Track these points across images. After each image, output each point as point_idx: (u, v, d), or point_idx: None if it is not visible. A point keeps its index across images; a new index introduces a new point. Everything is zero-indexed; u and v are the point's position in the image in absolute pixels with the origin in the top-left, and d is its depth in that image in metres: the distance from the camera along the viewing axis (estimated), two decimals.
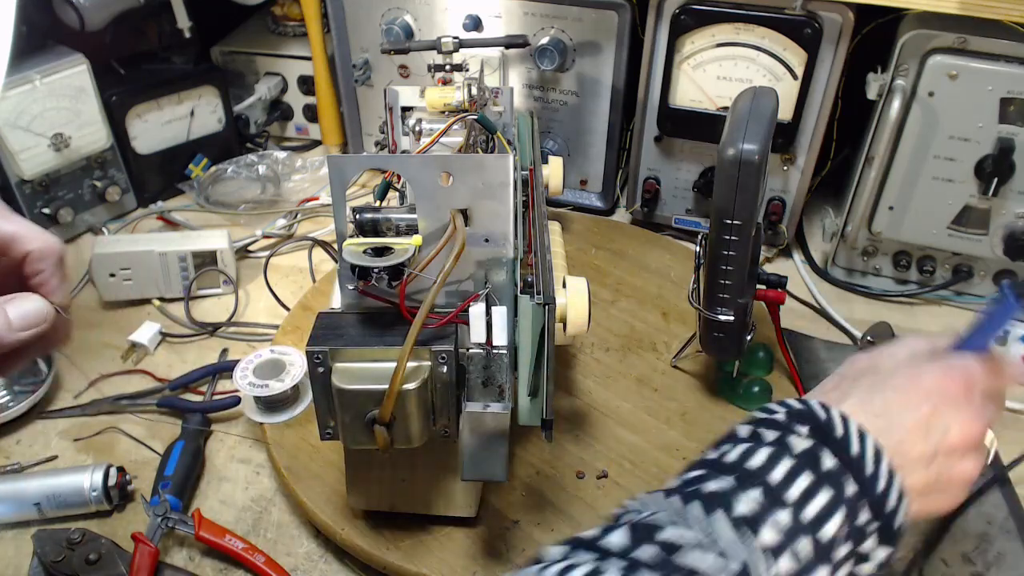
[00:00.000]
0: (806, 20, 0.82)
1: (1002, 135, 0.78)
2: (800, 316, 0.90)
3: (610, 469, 0.68)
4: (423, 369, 0.51)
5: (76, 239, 1.00)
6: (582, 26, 0.92)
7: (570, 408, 0.74)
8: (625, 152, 1.03)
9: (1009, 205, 0.81)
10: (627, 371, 0.79)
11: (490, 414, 0.52)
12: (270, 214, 1.04)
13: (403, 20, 0.97)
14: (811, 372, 0.80)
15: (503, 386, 0.53)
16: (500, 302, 0.54)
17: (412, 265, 0.50)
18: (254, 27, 1.19)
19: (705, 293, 0.69)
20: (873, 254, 0.91)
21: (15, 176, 0.91)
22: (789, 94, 0.85)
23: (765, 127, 0.61)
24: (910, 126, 0.81)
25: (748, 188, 0.61)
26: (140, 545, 0.61)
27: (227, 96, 1.08)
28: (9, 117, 0.88)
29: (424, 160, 0.54)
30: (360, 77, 1.02)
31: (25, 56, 0.88)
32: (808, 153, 0.90)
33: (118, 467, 0.67)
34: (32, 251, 0.43)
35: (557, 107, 0.99)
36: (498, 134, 0.71)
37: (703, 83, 0.89)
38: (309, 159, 1.12)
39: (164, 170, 1.06)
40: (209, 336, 0.86)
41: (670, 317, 0.85)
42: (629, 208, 1.03)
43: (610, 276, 0.92)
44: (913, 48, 0.78)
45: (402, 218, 0.55)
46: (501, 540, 0.63)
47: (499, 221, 0.53)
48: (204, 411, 0.75)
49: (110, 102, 0.97)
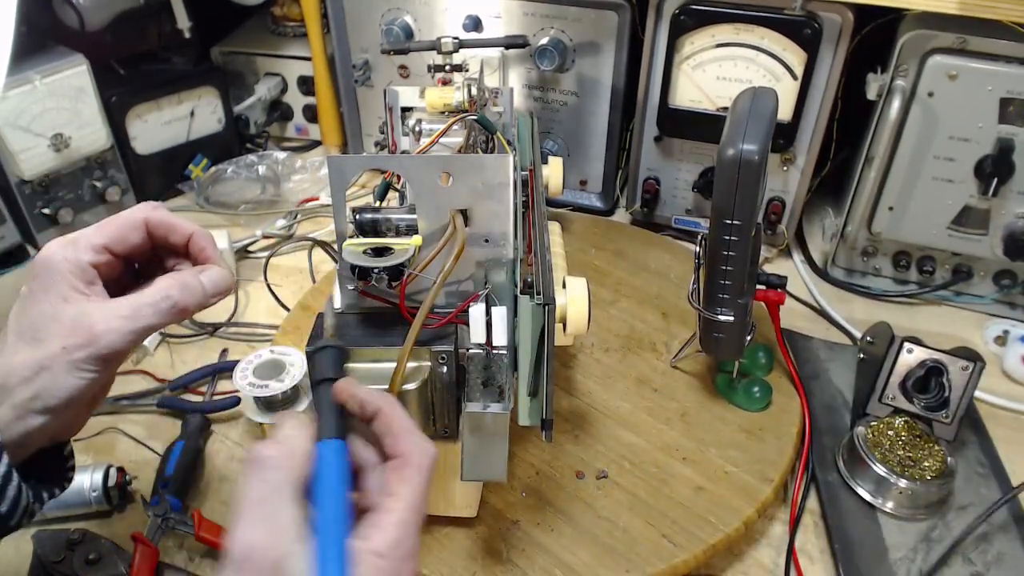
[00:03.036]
0: (806, 20, 0.82)
1: (1002, 135, 0.78)
2: (800, 316, 0.90)
3: (610, 469, 0.68)
4: (423, 369, 0.51)
5: None
6: (582, 26, 0.92)
7: (570, 408, 0.74)
8: (625, 152, 1.03)
9: (1009, 205, 0.81)
10: (627, 371, 0.79)
11: (490, 414, 0.52)
12: (270, 214, 1.04)
13: (403, 20, 0.97)
14: (811, 372, 0.80)
15: (503, 386, 0.53)
16: (500, 302, 0.53)
17: (412, 265, 0.50)
18: (254, 27, 1.19)
19: (705, 293, 0.69)
20: (873, 254, 0.91)
21: (15, 176, 0.91)
22: (789, 94, 0.85)
23: (765, 127, 0.61)
24: (910, 126, 0.81)
25: (748, 188, 0.61)
26: (140, 545, 0.61)
27: (227, 96, 1.09)
28: (9, 117, 0.88)
29: (424, 160, 0.54)
30: (360, 77, 1.02)
31: (25, 56, 0.88)
32: (808, 153, 0.91)
33: (118, 467, 0.67)
34: (194, 233, 0.50)
35: (557, 107, 0.99)
36: (498, 134, 0.71)
37: (703, 83, 0.89)
38: (309, 159, 1.12)
39: (164, 170, 1.06)
40: (209, 336, 0.86)
41: (670, 317, 0.85)
42: (629, 208, 1.03)
43: (610, 276, 0.92)
44: (913, 48, 0.78)
45: (402, 218, 0.55)
46: (501, 540, 0.63)
47: (499, 221, 0.53)
48: (204, 411, 0.75)
49: (110, 102, 0.97)
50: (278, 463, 0.37)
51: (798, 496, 0.68)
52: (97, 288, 0.46)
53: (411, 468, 0.39)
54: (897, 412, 0.71)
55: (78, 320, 0.43)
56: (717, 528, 0.63)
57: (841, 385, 0.79)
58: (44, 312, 0.44)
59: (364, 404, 0.42)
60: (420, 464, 0.40)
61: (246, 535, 0.35)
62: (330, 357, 0.44)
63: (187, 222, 0.50)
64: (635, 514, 0.65)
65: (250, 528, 0.36)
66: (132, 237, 0.48)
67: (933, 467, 0.67)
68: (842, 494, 0.68)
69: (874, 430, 0.70)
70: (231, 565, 0.35)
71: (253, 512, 0.36)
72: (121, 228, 0.48)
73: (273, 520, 0.36)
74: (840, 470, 0.70)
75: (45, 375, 0.43)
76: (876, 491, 0.67)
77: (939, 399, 0.69)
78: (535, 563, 0.61)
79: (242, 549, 0.35)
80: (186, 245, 0.50)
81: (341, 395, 0.42)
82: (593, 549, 0.62)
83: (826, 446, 0.72)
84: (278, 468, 0.37)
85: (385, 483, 0.39)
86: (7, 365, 0.43)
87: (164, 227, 0.49)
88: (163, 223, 0.49)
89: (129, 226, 0.48)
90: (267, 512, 0.36)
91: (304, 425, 0.40)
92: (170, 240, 0.50)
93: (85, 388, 0.44)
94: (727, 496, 0.66)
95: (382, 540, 0.37)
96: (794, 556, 0.64)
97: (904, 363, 0.69)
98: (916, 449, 0.68)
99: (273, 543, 0.35)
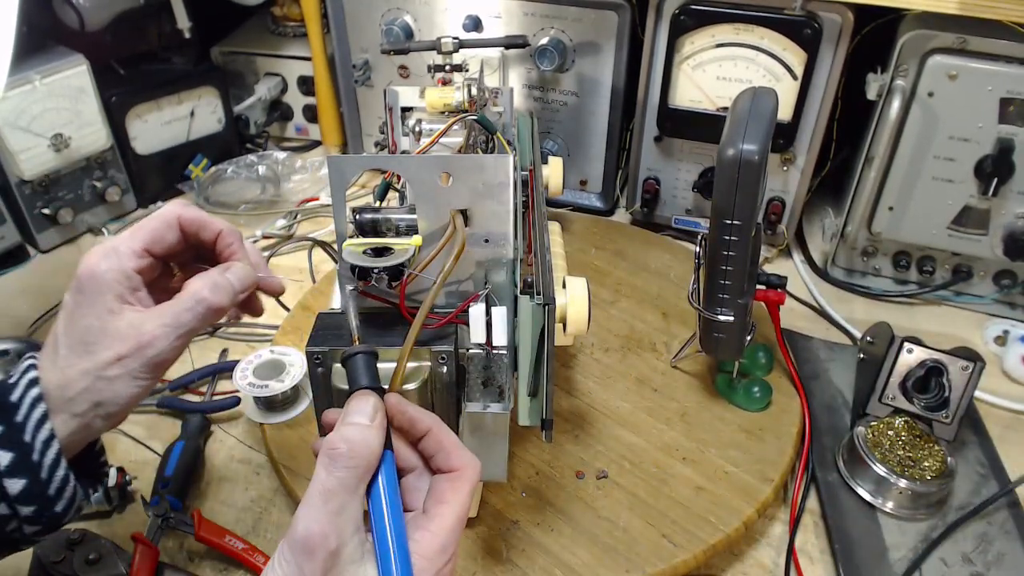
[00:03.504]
0: (806, 20, 0.82)
1: (1002, 135, 0.78)
2: (800, 316, 0.90)
3: (610, 469, 0.68)
4: (423, 369, 0.51)
5: (76, 240, 1.00)
6: (582, 26, 0.92)
7: (570, 408, 0.74)
8: (625, 152, 1.03)
9: (1009, 205, 0.81)
10: (627, 371, 0.79)
11: (490, 414, 0.52)
12: (270, 214, 1.04)
13: (403, 20, 0.97)
14: (811, 372, 0.80)
15: (503, 386, 0.53)
16: (500, 302, 0.53)
17: (412, 265, 0.50)
18: (254, 27, 1.19)
19: (705, 293, 0.69)
20: (873, 254, 0.91)
21: (15, 176, 0.91)
22: (789, 94, 0.86)
23: (765, 127, 0.61)
24: (910, 126, 0.81)
25: (748, 188, 0.61)
26: (140, 545, 0.61)
27: (227, 96, 1.09)
28: (9, 117, 0.88)
29: (424, 160, 0.54)
30: (360, 77, 1.02)
31: (25, 56, 0.88)
32: (808, 153, 0.91)
33: (118, 467, 0.67)
34: (222, 230, 0.51)
35: (557, 107, 0.99)
36: (498, 134, 0.70)
37: (703, 83, 0.89)
38: (309, 159, 1.12)
39: (164, 170, 1.06)
40: (209, 336, 0.86)
41: (670, 317, 0.85)
42: (629, 208, 1.03)
43: (610, 276, 0.92)
44: (913, 48, 0.78)
45: (402, 218, 0.55)
46: (501, 540, 0.63)
47: (499, 221, 0.53)
48: (204, 411, 0.75)
49: (110, 102, 0.97)
50: (352, 463, 0.40)
51: (798, 496, 0.68)
52: (141, 294, 0.48)
53: (464, 479, 0.43)
54: (897, 412, 0.71)
55: (127, 331, 0.45)
56: (717, 528, 0.63)
57: (841, 385, 0.79)
58: (92, 326, 0.45)
59: (415, 422, 0.44)
60: (471, 477, 0.43)
61: (310, 522, 0.38)
62: (364, 364, 0.45)
63: (216, 219, 0.51)
64: (635, 514, 0.65)
65: (316, 516, 0.38)
66: (169, 237, 0.50)
67: (933, 467, 0.67)
68: (842, 494, 0.68)
69: (874, 430, 0.70)
70: (292, 546, 0.38)
71: (321, 502, 0.39)
72: (158, 229, 0.49)
73: (338, 512, 0.39)
74: (840, 470, 0.70)
75: (103, 385, 0.45)
76: (876, 491, 0.67)
77: (939, 399, 0.69)
78: (535, 563, 0.61)
79: (305, 534, 0.38)
80: (215, 241, 0.52)
81: (391, 411, 0.44)
82: (593, 549, 0.62)
83: (826, 446, 0.72)
84: (349, 467, 0.39)
85: (438, 492, 0.42)
86: (64, 378, 0.45)
87: (196, 224, 0.51)
88: (195, 220, 0.51)
89: (165, 226, 0.50)
90: (334, 505, 0.39)
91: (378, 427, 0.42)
92: (200, 237, 0.51)
93: (141, 394, 0.47)
94: (727, 496, 0.66)
95: (429, 545, 0.40)
96: (794, 556, 0.64)
97: (904, 363, 0.69)
98: (916, 449, 0.68)
99: (335, 533, 0.38)
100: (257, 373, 0.72)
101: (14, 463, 0.43)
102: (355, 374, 0.45)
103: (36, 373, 0.45)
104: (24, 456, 0.43)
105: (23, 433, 0.43)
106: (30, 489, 0.43)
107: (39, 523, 0.45)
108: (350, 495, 0.39)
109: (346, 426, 0.41)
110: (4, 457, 0.43)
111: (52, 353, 0.46)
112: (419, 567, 0.39)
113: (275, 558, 0.39)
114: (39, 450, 0.44)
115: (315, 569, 0.37)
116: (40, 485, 0.44)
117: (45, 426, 0.44)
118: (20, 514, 0.44)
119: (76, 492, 0.46)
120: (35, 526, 0.45)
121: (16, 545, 0.46)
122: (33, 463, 0.43)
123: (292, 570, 0.38)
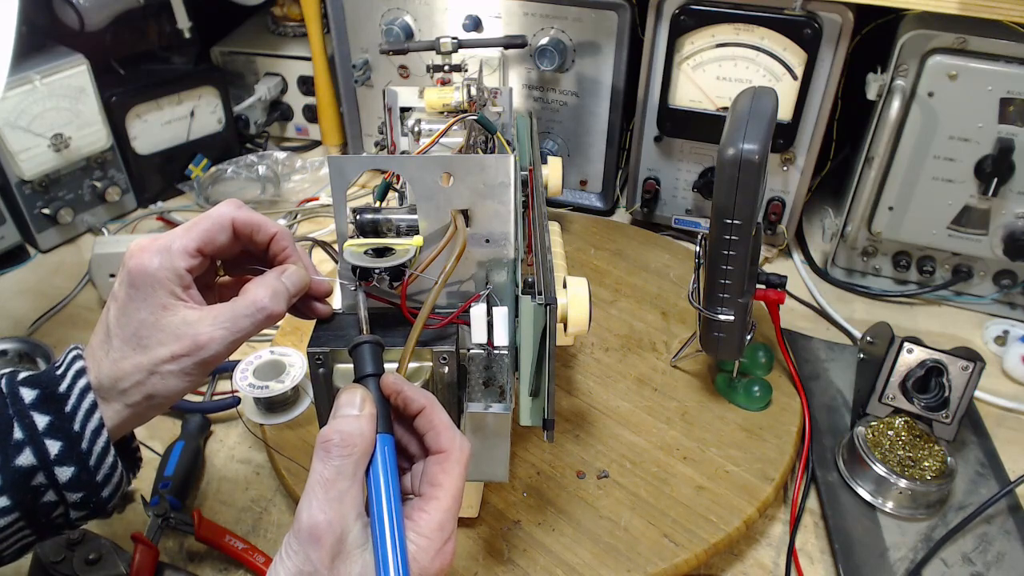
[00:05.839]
0: (806, 20, 0.82)
1: (1002, 135, 0.78)
2: (800, 316, 0.90)
3: (610, 469, 0.68)
4: (424, 370, 0.51)
5: (76, 239, 1.00)
6: (582, 26, 0.92)
7: (570, 408, 0.74)
8: (625, 152, 1.03)
9: (1009, 205, 0.81)
10: (627, 371, 0.79)
11: (491, 414, 0.52)
12: (270, 214, 1.04)
13: (403, 20, 0.97)
14: (811, 372, 0.80)
15: (504, 386, 0.53)
16: (501, 303, 0.53)
17: (413, 266, 0.50)
18: (254, 27, 1.19)
19: (705, 293, 0.69)
20: (873, 254, 0.92)
21: (15, 176, 0.91)
22: (789, 94, 0.86)
23: (765, 127, 0.61)
24: (910, 126, 0.81)
25: (748, 188, 0.61)
26: (140, 545, 0.61)
27: (227, 96, 1.08)
28: (9, 117, 0.88)
29: (424, 161, 0.54)
30: (360, 77, 1.02)
31: (25, 56, 0.88)
32: (808, 153, 0.91)
33: None
34: (277, 232, 0.51)
35: (557, 107, 0.99)
36: (498, 134, 0.70)
37: (703, 83, 0.89)
38: (309, 159, 1.12)
39: (164, 170, 1.06)
40: None
41: (670, 317, 0.85)
42: (629, 208, 1.03)
43: (610, 276, 0.92)
44: (913, 48, 0.78)
45: (403, 219, 0.55)
46: (502, 540, 0.63)
47: (500, 221, 0.53)
48: (204, 411, 0.75)
49: (110, 102, 0.97)
50: (345, 451, 0.41)
51: (798, 496, 0.68)
52: (193, 292, 0.48)
53: (452, 461, 0.43)
54: (897, 412, 0.71)
55: (182, 329, 0.46)
56: (718, 527, 0.63)
57: (841, 385, 0.79)
58: (146, 321, 0.46)
59: (409, 401, 0.45)
60: (460, 458, 0.44)
61: (314, 511, 0.39)
62: (370, 352, 0.46)
63: (271, 220, 0.51)
64: (636, 513, 0.65)
65: (319, 505, 0.39)
66: (221, 238, 0.49)
67: (933, 467, 0.67)
68: (842, 494, 0.68)
69: (874, 430, 0.70)
70: (298, 537, 0.39)
71: (322, 491, 0.40)
72: (211, 230, 0.49)
73: (339, 500, 0.40)
74: (840, 470, 0.70)
75: (156, 379, 0.46)
76: (876, 491, 0.67)
77: (939, 399, 0.69)
78: (536, 563, 0.61)
79: (310, 523, 0.39)
80: (268, 243, 0.51)
81: (387, 390, 0.45)
82: (594, 549, 0.62)
83: (826, 446, 0.72)
84: (343, 456, 0.41)
85: (430, 474, 0.43)
86: (118, 370, 0.46)
87: (250, 226, 0.50)
88: (249, 223, 0.50)
89: (218, 227, 0.49)
90: (334, 493, 0.40)
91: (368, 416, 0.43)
92: (254, 239, 0.51)
93: (190, 388, 0.48)
94: (728, 495, 0.66)
95: (427, 524, 0.41)
96: (794, 556, 0.64)
97: (904, 363, 0.69)
98: (916, 449, 0.68)
99: (338, 519, 0.39)
100: (257, 374, 0.71)
101: (63, 452, 0.44)
102: (361, 363, 0.45)
103: (83, 363, 0.46)
104: (73, 445, 0.44)
105: (72, 423, 0.44)
106: (78, 476, 0.44)
107: (86, 508, 0.46)
108: (348, 482, 0.40)
109: (337, 419, 0.42)
110: (53, 446, 0.44)
111: (104, 343, 0.46)
112: (420, 545, 0.41)
113: (281, 551, 0.39)
114: (88, 439, 0.44)
115: (323, 556, 0.38)
116: (88, 473, 0.45)
117: (95, 416, 0.45)
118: (68, 500, 0.45)
119: (123, 478, 0.47)
120: (81, 511, 0.46)
121: (59, 530, 0.47)
122: (82, 451, 0.44)
123: (300, 560, 0.38)
